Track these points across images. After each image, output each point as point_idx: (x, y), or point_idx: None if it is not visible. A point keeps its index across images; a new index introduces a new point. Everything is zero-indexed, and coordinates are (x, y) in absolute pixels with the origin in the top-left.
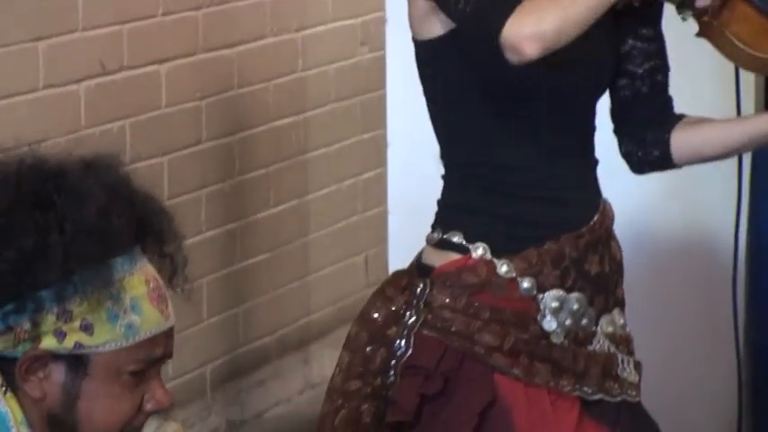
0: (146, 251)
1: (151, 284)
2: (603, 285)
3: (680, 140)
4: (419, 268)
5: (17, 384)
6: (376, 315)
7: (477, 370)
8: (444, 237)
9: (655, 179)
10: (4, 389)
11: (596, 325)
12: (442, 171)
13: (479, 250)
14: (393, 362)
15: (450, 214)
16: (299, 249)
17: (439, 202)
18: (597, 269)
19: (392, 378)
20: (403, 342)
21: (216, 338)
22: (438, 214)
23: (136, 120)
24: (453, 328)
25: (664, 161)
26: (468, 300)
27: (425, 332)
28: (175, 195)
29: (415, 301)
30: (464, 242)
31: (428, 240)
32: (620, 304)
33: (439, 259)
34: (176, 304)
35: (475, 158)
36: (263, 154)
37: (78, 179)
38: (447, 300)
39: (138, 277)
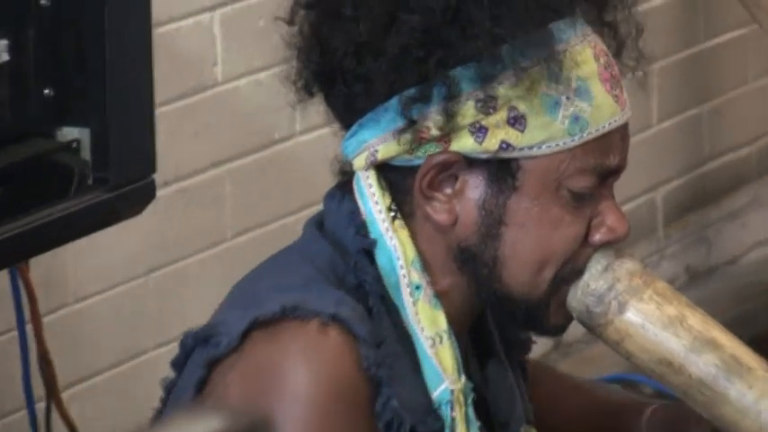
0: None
1: (602, 60)
2: None
3: None
4: None
5: (413, 208)
6: None
7: None
8: None
9: None
10: (393, 214)
11: None
12: None
13: None
14: None
15: None
16: None
17: None
18: None
19: None
20: None
21: (670, 151)
22: None
23: None
24: None
25: None
26: None
27: None
28: None
29: None
30: None
31: None
32: None
33: None
34: None
35: None
36: None
37: None
38: None
39: (586, 50)
